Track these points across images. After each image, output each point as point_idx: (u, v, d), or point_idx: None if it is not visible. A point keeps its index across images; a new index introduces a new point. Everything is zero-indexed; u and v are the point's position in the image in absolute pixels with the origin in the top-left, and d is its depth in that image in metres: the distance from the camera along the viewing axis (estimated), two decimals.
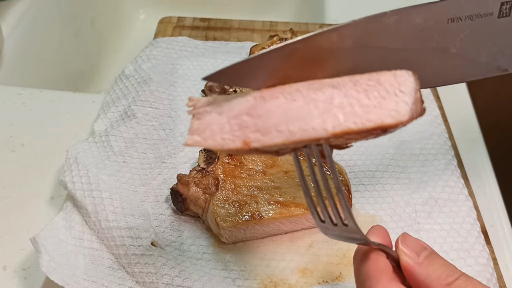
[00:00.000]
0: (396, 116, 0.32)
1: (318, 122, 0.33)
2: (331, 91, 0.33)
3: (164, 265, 0.50)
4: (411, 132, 0.66)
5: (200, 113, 0.34)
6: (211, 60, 0.76)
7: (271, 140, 0.33)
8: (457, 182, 0.59)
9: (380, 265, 0.36)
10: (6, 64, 0.80)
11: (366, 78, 0.33)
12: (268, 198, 0.54)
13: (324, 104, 0.33)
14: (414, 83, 0.33)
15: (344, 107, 0.33)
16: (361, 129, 0.32)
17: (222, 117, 0.34)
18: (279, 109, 0.33)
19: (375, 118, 0.32)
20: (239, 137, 0.34)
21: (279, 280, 0.52)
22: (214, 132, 0.34)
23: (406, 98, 0.32)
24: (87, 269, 0.50)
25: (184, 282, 0.49)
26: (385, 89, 0.33)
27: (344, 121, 0.32)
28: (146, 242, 0.51)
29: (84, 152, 0.59)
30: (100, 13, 1.06)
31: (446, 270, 0.35)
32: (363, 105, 0.32)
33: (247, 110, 0.34)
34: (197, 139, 0.34)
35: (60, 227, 0.53)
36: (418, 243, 0.37)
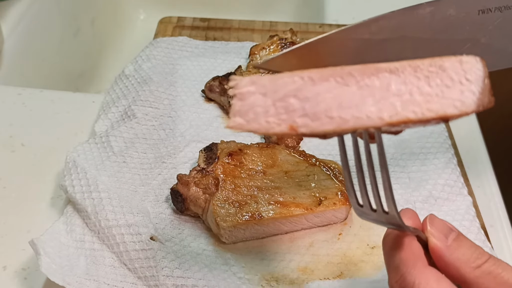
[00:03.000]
0: (460, 106, 0.30)
1: (373, 111, 0.30)
2: (388, 77, 0.31)
3: (164, 258, 0.50)
4: (410, 131, 0.66)
5: (243, 94, 0.32)
6: (211, 60, 0.76)
7: (320, 126, 0.31)
8: (457, 181, 0.59)
9: (414, 251, 0.35)
10: (6, 64, 0.80)
11: (427, 64, 0.30)
12: (268, 198, 0.54)
13: (380, 91, 0.30)
14: (482, 71, 0.30)
15: (403, 94, 0.30)
16: (421, 119, 0.30)
17: (267, 99, 0.31)
18: (329, 93, 0.31)
19: (437, 108, 0.30)
20: (286, 121, 0.31)
21: (280, 275, 0.52)
22: (258, 114, 0.31)
23: (472, 87, 0.30)
24: (88, 269, 0.50)
25: (184, 273, 0.49)
26: (449, 76, 0.30)
27: (402, 110, 0.30)
28: (146, 237, 0.51)
29: (84, 155, 0.60)
30: (100, 13, 1.06)
31: (475, 252, 0.35)
32: (423, 93, 0.30)
33: (294, 92, 0.31)
34: (240, 121, 0.31)
35: (61, 231, 0.53)
36: (445, 224, 0.36)
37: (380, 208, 0.34)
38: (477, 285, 0.34)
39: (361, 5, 0.92)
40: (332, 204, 0.54)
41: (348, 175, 0.35)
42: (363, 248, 0.54)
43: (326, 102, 0.31)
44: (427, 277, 0.33)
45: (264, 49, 0.72)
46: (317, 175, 0.56)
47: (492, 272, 0.34)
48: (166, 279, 0.49)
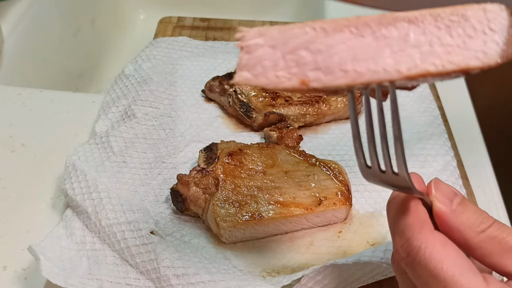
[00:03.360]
0: (483, 58, 0.28)
1: (391, 63, 0.29)
2: (407, 27, 0.29)
3: (164, 250, 0.50)
4: (411, 132, 0.66)
5: (250, 46, 0.30)
6: (211, 60, 0.76)
7: (334, 80, 0.29)
8: (455, 184, 0.59)
9: (420, 215, 0.34)
10: (6, 64, 0.80)
11: (449, 13, 0.29)
12: (268, 198, 0.54)
13: (398, 41, 0.29)
14: (507, 20, 0.28)
15: (422, 45, 0.28)
16: (441, 72, 0.28)
17: (276, 52, 0.30)
18: (343, 45, 0.29)
19: (458, 60, 0.28)
20: (296, 75, 0.29)
21: (280, 269, 0.52)
22: (267, 68, 0.29)
23: (496, 37, 0.28)
24: (91, 269, 0.50)
25: (185, 264, 0.49)
26: (472, 25, 0.28)
27: (421, 63, 0.28)
28: (146, 232, 0.51)
29: (84, 156, 0.60)
30: (100, 13, 1.06)
31: (479, 217, 0.34)
32: (444, 44, 0.28)
33: (305, 44, 0.29)
34: (247, 76, 0.30)
35: (61, 235, 0.53)
36: (450, 188, 0.36)
37: (389, 169, 0.32)
38: (480, 250, 0.34)
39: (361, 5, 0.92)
40: (332, 204, 0.54)
41: (357, 134, 0.33)
42: (364, 245, 0.54)
43: (340, 54, 0.29)
44: (433, 241, 0.33)
45: None
46: (317, 175, 0.56)
47: (496, 237, 0.33)
48: (167, 270, 0.49)
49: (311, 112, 0.65)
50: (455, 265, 0.32)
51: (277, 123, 0.65)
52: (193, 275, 0.48)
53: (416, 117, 0.68)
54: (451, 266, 0.32)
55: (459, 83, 0.79)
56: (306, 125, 0.67)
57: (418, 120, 0.67)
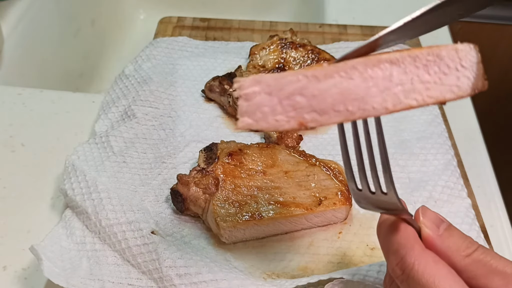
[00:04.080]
0: (457, 91, 0.31)
1: (379, 101, 0.32)
2: (390, 68, 0.32)
3: (166, 250, 0.50)
4: (411, 131, 0.66)
5: (248, 94, 0.32)
6: (211, 60, 0.76)
7: (328, 120, 0.32)
8: (456, 183, 0.59)
9: (411, 234, 0.36)
10: (6, 64, 0.80)
11: (425, 53, 0.32)
12: (268, 198, 0.54)
13: (383, 81, 0.32)
14: (476, 57, 0.32)
15: (404, 84, 0.32)
16: (421, 105, 0.32)
17: (273, 98, 0.32)
18: (335, 88, 0.32)
19: (436, 95, 0.31)
20: (294, 118, 0.32)
21: (280, 272, 0.52)
22: (266, 113, 0.32)
23: (467, 73, 0.32)
24: (92, 269, 0.50)
25: (186, 263, 0.49)
26: (446, 64, 0.32)
27: (404, 99, 0.31)
28: (147, 232, 0.51)
29: (84, 155, 0.60)
30: (100, 13, 1.06)
31: (465, 242, 0.36)
32: (423, 81, 0.31)
33: (299, 91, 0.32)
34: (248, 121, 0.32)
35: (61, 235, 0.53)
36: (436, 215, 0.38)
37: (378, 189, 0.35)
38: (467, 272, 0.35)
39: (361, 5, 0.92)
40: (332, 204, 0.54)
41: (347, 160, 0.36)
42: (363, 248, 0.54)
43: (332, 97, 0.32)
44: (426, 258, 0.35)
45: (264, 49, 0.72)
46: (317, 175, 0.56)
47: (481, 260, 0.35)
48: (169, 269, 0.49)
49: None
50: (446, 280, 0.34)
51: None
52: (195, 275, 0.48)
53: (416, 116, 0.68)
54: (442, 281, 0.34)
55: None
56: None
57: (418, 119, 0.67)
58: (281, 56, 0.71)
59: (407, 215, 0.37)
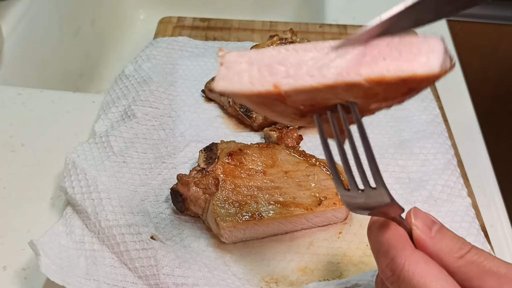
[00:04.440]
0: (427, 68, 0.33)
1: (353, 68, 0.33)
2: (364, 48, 0.34)
3: (165, 256, 0.50)
4: (411, 131, 0.66)
5: (230, 62, 0.35)
6: (211, 60, 0.76)
7: (303, 83, 0.33)
8: (456, 183, 0.59)
9: (401, 235, 0.36)
10: (6, 64, 0.80)
11: (398, 40, 0.34)
12: (268, 198, 0.54)
13: (357, 57, 0.34)
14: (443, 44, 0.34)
15: (378, 60, 0.33)
16: (393, 78, 0.33)
17: (253, 66, 0.34)
18: (312, 60, 0.34)
19: (407, 68, 0.33)
20: (269, 82, 0.34)
21: (280, 277, 0.52)
22: (243, 77, 0.34)
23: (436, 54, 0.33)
24: (88, 269, 0.50)
25: (185, 273, 0.49)
26: (417, 47, 0.34)
27: (378, 69, 0.33)
28: (146, 237, 0.51)
29: (84, 155, 0.60)
30: (100, 13, 1.06)
31: (457, 243, 0.36)
32: (395, 58, 0.33)
33: (278, 60, 0.34)
34: (224, 84, 0.34)
35: (61, 233, 0.53)
36: (428, 217, 0.37)
37: (367, 185, 0.35)
38: (460, 274, 0.35)
39: (361, 5, 0.92)
40: (332, 204, 0.54)
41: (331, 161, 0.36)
42: (363, 248, 0.54)
43: (308, 65, 0.34)
44: (416, 259, 0.34)
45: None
46: (317, 175, 0.56)
47: (474, 262, 0.35)
48: (167, 277, 0.49)
49: None
50: (438, 280, 0.34)
51: (277, 123, 0.65)
52: (192, 286, 0.48)
53: (416, 116, 0.68)
54: (433, 281, 0.33)
55: (459, 83, 0.79)
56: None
57: (418, 119, 0.67)
58: None
59: (398, 209, 0.36)
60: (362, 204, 0.36)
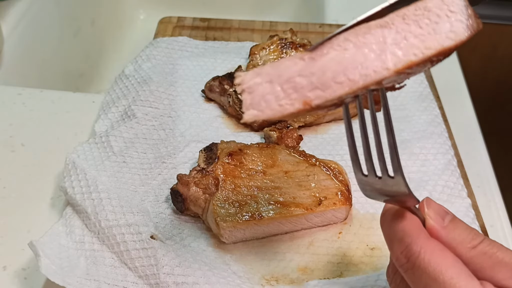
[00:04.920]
0: (454, 37, 0.32)
1: (378, 64, 0.32)
2: (381, 31, 0.32)
3: (165, 256, 0.50)
4: (411, 131, 0.66)
5: (250, 87, 0.33)
6: (211, 60, 0.76)
7: (333, 93, 0.32)
8: (456, 183, 0.59)
9: (417, 223, 0.36)
10: (6, 64, 0.80)
11: (412, 9, 0.33)
12: (268, 198, 0.54)
13: (378, 45, 0.32)
14: (462, 0, 0.32)
15: (399, 42, 0.32)
16: (422, 59, 0.32)
17: (274, 85, 0.33)
18: (332, 62, 0.32)
19: (434, 45, 0.32)
20: (297, 99, 0.33)
21: (280, 275, 0.52)
22: (269, 101, 0.33)
23: (458, 16, 0.32)
24: (89, 269, 0.50)
25: (184, 271, 0.49)
26: (435, 14, 0.32)
27: (404, 56, 0.32)
28: (146, 236, 0.51)
29: (84, 155, 0.60)
30: (100, 13, 1.06)
31: (470, 233, 0.36)
32: (417, 35, 0.32)
33: (298, 72, 0.33)
34: (254, 113, 0.33)
35: (61, 233, 0.53)
36: (441, 207, 0.37)
37: (385, 173, 0.34)
38: (473, 264, 0.35)
39: (361, 5, 0.92)
40: (332, 204, 0.54)
41: (353, 145, 0.35)
42: (363, 248, 0.54)
43: (331, 70, 0.32)
44: (432, 246, 0.34)
45: (264, 49, 0.72)
46: (317, 175, 0.56)
47: (487, 252, 0.35)
48: (167, 277, 0.49)
49: None
50: (453, 268, 0.33)
51: (277, 123, 0.65)
52: (192, 284, 0.48)
53: (416, 116, 0.68)
54: (449, 269, 0.33)
55: (459, 83, 0.79)
56: (306, 125, 0.67)
57: (418, 119, 0.67)
58: (281, 56, 0.71)
59: (413, 200, 0.35)
60: (377, 191, 0.36)
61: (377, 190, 0.36)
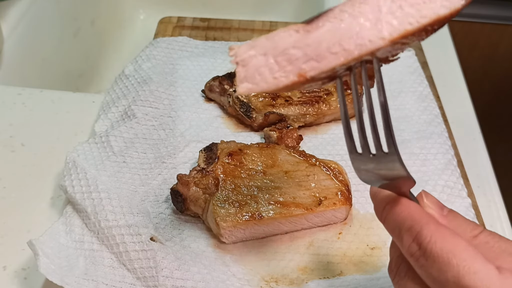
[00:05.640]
0: (449, 4, 0.32)
1: (374, 33, 0.32)
2: (376, 1, 0.32)
3: (164, 258, 0.50)
4: (411, 131, 0.66)
5: (244, 59, 0.33)
6: (211, 60, 0.76)
7: (328, 64, 0.32)
8: (456, 183, 0.59)
9: (422, 210, 0.35)
10: (6, 64, 0.80)
11: None
12: (268, 198, 0.54)
13: (373, 14, 0.32)
14: None
15: (394, 11, 0.32)
16: (418, 28, 0.32)
17: (268, 57, 0.33)
18: (328, 33, 0.32)
19: (429, 13, 0.32)
20: (292, 71, 0.32)
21: (280, 276, 0.52)
22: (264, 74, 0.33)
23: None
24: (87, 269, 0.50)
25: (183, 275, 0.49)
26: None
27: (399, 25, 0.32)
28: (146, 238, 0.51)
29: (84, 155, 0.60)
30: (100, 13, 1.06)
31: (470, 224, 0.36)
32: (413, 4, 0.32)
33: (293, 44, 0.32)
34: (248, 86, 0.33)
35: (60, 232, 0.53)
36: (437, 200, 0.37)
37: (379, 149, 0.33)
38: None
39: None
40: (332, 204, 0.54)
41: (346, 122, 0.34)
42: (363, 248, 0.54)
43: (327, 40, 0.32)
44: (443, 232, 0.33)
45: None
46: (317, 175, 0.56)
47: (488, 242, 0.35)
48: (166, 280, 0.49)
49: (311, 112, 0.65)
50: (467, 252, 0.32)
51: (277, 123, 0.65)
52: None
53: (416, 116, 0.68)
54: (463, 253, 0.32)
55: (459, 83, 0.79)
56: (306, 125, 0.67)
57: (418, 119, 0.67)
58: None
59: (410, 182, 0.35)
60: (372, 173, 0.35)
61: (372, 171, 0.35)
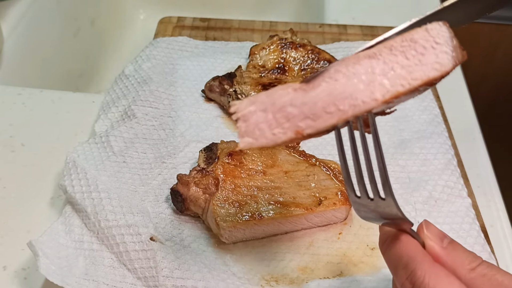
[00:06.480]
0: (439, 68, 0.33)
1: (367, 94, 0.33)
2: (369, 62, 0.34)
3: (164, 258, 0.50)
4: (411, 131, 0.66)
5: (245, 115, 0.35)
6: (211, 60, 0.76)
7: (323, 123, 0.34)
8: (457, 183, 0.59)
9: (419, 248, 0.36)
10: (6, 64, 0.80)
11: (399, 41, 0.34)
12: (268, 198, 0.54)
13: (367, 75, 0.33)
14: (448, 32, 0.33)
15: (387, 73, 0.33)
16: (409, 89, 0.33)
17: (267, 114, 0.34)
18: (323, 93, 0.34)
19: (420, 75, 0.33)
20: (290, 128, 0.34)
21: (280, 275, 0.52)
22: (263, 130, 0.34)
23: (444, 48, 0.33)
24: (87, 269, 0.50)
25: (183, 274, 0.49)
26: (421, 45, 0.33)
27: (391, 87, 0.33)
28: (145, 238, 0.51)
29: (84, 155, 0.60)
30: (100, 13, 1.06)
31: (469, 256, 0.36)
32: (404, 66, 0.33)
33: (290, 102, 0.34)
34: (249, 141, 0.34)
35: (60, 232, 0.53)
36: (439, 230, 0.38)
37: (377, 195, 0.35)
38: (473, 286, 0.35)
39: (361, 5, 0.92)
40: (332, 204, 0.54)
41: (345, 168, 0.36)
42: (363, 248, 0.54)
43: (322, 100, 0.34)
44: (437, 272, 0.34)
45: (264, 49, 0.72)
46: (317, 175, 0.56)
47: (486, 274, 0.35)
48: (166, 279, 0.49)
49: None
50: None
51: None
52: None
53: (416, 115, 0.68)
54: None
55: (459, 83, 0.79)
56: None
57: (418, 118, 0.67)
58: (281, 56, 0.71)
59: (408, 223, 0.36)
60: (371, 213, 0.36)
61: (371, 212, 0.36)
